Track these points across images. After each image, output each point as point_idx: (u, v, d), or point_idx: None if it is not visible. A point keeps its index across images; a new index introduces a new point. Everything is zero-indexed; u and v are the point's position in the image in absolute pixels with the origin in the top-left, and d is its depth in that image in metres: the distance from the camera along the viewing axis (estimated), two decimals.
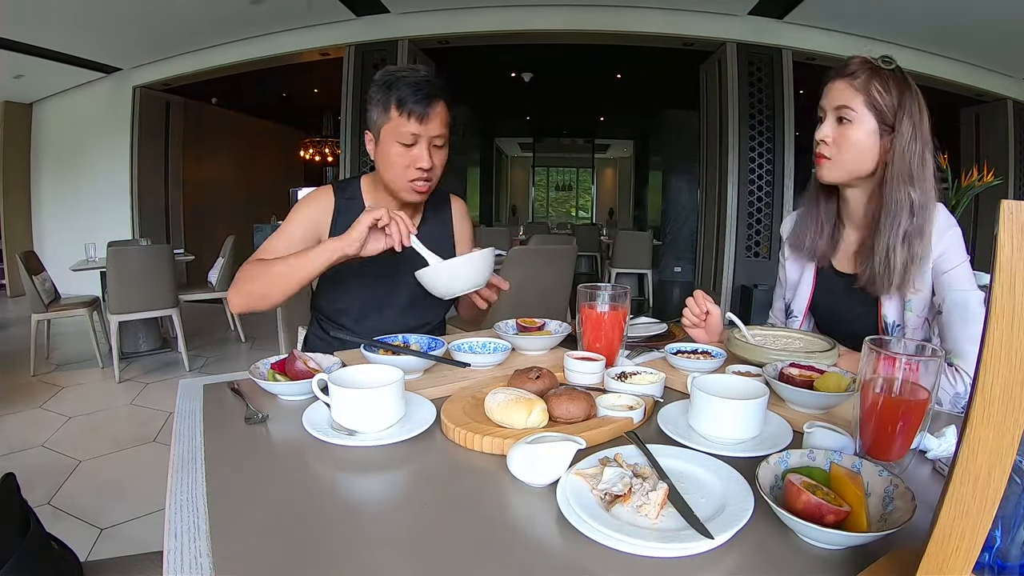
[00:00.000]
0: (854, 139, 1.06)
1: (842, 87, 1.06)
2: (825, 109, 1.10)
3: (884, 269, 1.06)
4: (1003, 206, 0.34)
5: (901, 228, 1.04)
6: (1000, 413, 0.35)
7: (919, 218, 1.03)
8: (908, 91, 1.04)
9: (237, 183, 8.43)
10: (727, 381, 0.82)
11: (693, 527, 0.52)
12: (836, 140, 1.08)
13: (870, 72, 1.04)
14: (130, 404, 3.24)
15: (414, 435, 0.75)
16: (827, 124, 1.09)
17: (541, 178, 16.14)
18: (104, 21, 4.79)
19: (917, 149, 1.03)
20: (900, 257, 1.04)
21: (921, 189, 1.03)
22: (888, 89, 1.03)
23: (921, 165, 1.03)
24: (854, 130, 1.06)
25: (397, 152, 1.22)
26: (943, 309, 1.02)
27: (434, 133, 1.22)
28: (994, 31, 4.51)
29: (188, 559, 0.52)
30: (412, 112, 1.18)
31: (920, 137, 1.03)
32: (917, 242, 1.03)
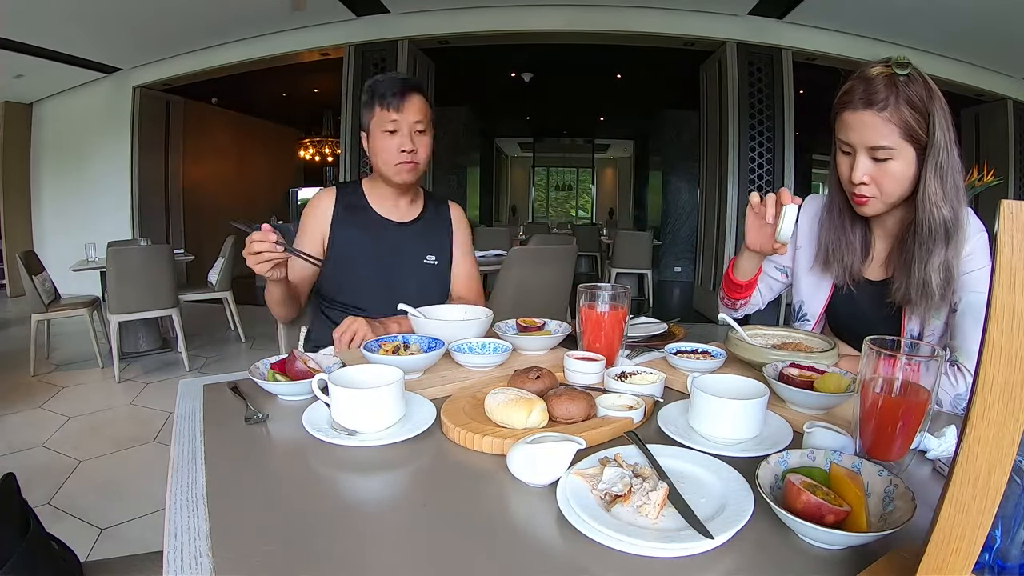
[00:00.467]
0: (897, 174, 0.98)
1: (872, 122, 0.96)
2: (853, 145, 1.00)
3: (922, 299, 1.01)
4: (1003, 206, 0.34)
5: (936, 258, 0.98)
6: (1000, 413, 0.35)
7: (954, 239, 0.98)
8: (933, 95, 0.95)
9: (237, 183, 8.43)
10: (727, 381, 0.82)
11: (693, 527, 0.52)
12: (876, 179, 1.00)
13: (896, 93, 0.94)
14: (130, 404, 3.24)
15: (414, 435, 0.75)
16: (862, 163, 0.99)
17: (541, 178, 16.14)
18: (104, 21, 4.79)
19: (949, 159, 0.96)
20: (938, 285, 0.98)
21: (955, 203, 0.97)
22: (917, 107, 0.94)
23: (955, 173, 0.97)
24: (895, 165, 0.97)
25: (384, 141, 1.41)
26: (958, 308, 0.99)
27: (412, 119, 1.40)
28: (994, 31, 4.51)
29: (188, 559, 0.52)
30: (390, 104, 1.38)
31: (950, 144, 0.96)
32: (954, 262, 0.98)
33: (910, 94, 0.94)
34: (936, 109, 0.95)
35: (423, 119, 1.42)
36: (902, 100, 0.94)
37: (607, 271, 6.91)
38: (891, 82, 0.95)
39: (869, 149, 0.98)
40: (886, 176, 0.99)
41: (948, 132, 0.95)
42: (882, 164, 0.98)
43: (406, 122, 1.40)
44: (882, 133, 0.95)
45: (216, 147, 7.88)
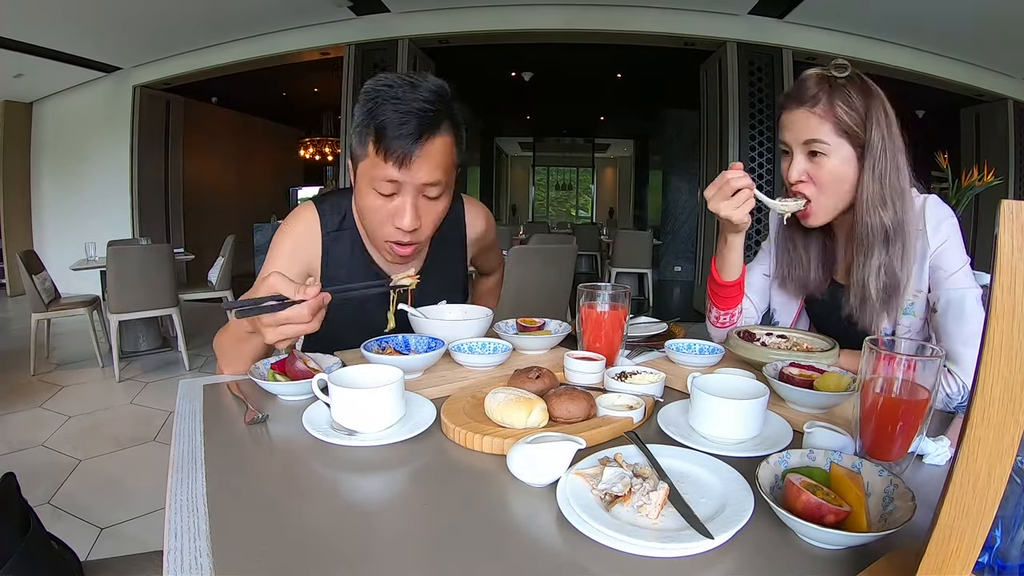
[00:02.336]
0: (832, 171, 0.98)
1: (804, 117, 0.98)
2: (789, 144, 1.01)
3: (860, 304, 1.01)
4: (1003, 206, 0.34)
5: (875, 261, 0.98)
6: (1000, 413, 0.35)
7: (896, 244, 0.98)
8: (872, 97, 0.97)
9: (237, 182, 8.43)
10: (727, 381, 0.82)
11: (693, 527, 0.52)
12: (813, 176, 1.00)
13: (829, 91, 0.96)
14: (130, 404, 3.24)
15: (414, 435, 0.75)
16: (797, 160, 1.00)
17: (541, 177, 16.15)
18: (104, 21, 4.79)
19: (888, 161, 0.96)
20: (876, 290, 0.99)
21: (896, 206, 0.97)
22: (853, 105, 0.96)
23: (896, 177, 0.97)
24: (829, 162, 0.98)
25: (372, 202, 0.96)
26: (938, 308, 0.99)
27: (423, 181, 0.93)
28: (994, 31, 4.51)
29: (188, 559, 0.52)
30: (391, 152, 0.90)
31: (890, 147, 0.96)
32: (898, 268, 0.98)
33: (846, 94, 0.96)
34: (876, 112, 0.96)
35: (441, 178, 0.95)
36: (836, 97, 0.96)
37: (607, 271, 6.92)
38: (823, 80, 0.98)
39: (803, 145, 0.99)
40: (821, 172, 0.99)
41: (888, 135, 0.96)
42: (817, 160, 0.99)
43: (413, 184, 0.94)
44: (814, 127, 0.98)
45: (216, 147, 7.89)
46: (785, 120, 1.02)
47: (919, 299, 1.04)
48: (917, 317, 1.05)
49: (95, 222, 6.18)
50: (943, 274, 0.99)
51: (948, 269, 0.99)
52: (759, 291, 1.26)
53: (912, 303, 1.04)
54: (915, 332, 1.06)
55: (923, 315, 1.05)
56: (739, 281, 1.17)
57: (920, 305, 1.04)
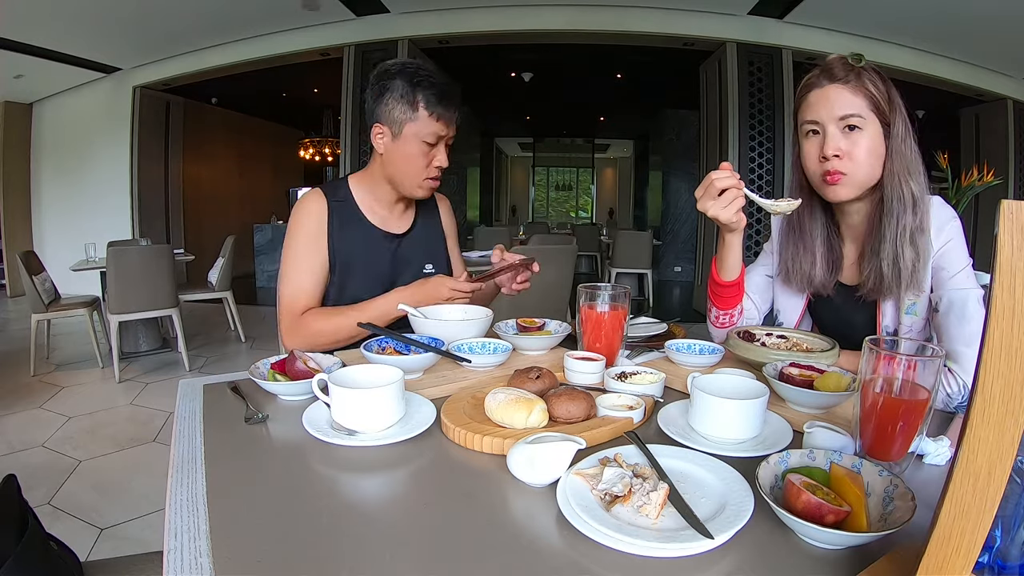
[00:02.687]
0: (868, 147, 0.99)
1: (840, 93, 0.98)
2: (822, 121, 1.01)
3: (894, 272, 1.01)
4: (1003, 206, 0.34)
5: (907, 226, 0.99)
6: (1000, 413, 0.35)
7: (920, 212, 0.99)
8: (890, 85, 1.01)
9: (237, 183, 8.43)
10: (727, 381, 0.82)
11: (693, 527, 0.52)
12: (849, 152, 0.99)
13: (856, 72, 0.99)
14: (130, 404, 3.24)
15: (414, 435, 0.75)
16: (834, 136, 0.99)
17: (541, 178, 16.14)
18: (104, 21, 4.79)
19: (910, 142, 1.00)
20: (909, 256, 0.99)
21: (918, 181, 0.99)
22: (878, 86, 0.99)
23: (915, 157, 1.00)
24: (866, 137, 0.99)
25: (420, 151, 1.26)
26: (940, 308, 0.99)
27: (452, 135, 1.31)
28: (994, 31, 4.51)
29: (188, 559, 0.52)
30: (442, 116, 1.24)
31: (909, 130, 1.00)
32: (920, 238, 0.99)
33: (871, 74, 0.99)
34: (895, 97, 0.99)
35: None
36: (864, 78, 0.99)
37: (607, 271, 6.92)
38: (847, 64, 1.00)
39: (839, 120, 0.99)
40: (857, 148, 1.00)
41: (906, 124, 0.99)
42: (853, 135, 0.99)
43: (448, 137, 1.30)
44: (850, 102, 0.99)
45: (216, 147, 7.89)
46: (815, 98, 1.01)
47: (921, 299, 1.04)
48: (919, 317, 1.05)
49: (95, 222, 6.19)
50: (946, 275, 0.99)
51: (951, 270, 0.99)
52: (761, 292, 1.26)
53: (914, 303, 1.04)
54: (916, 332, 1.06)
55: (924, 315, 1.05)
56: (738, 281, 1.16)
57: (922, 305, 1.04)
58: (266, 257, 7.40)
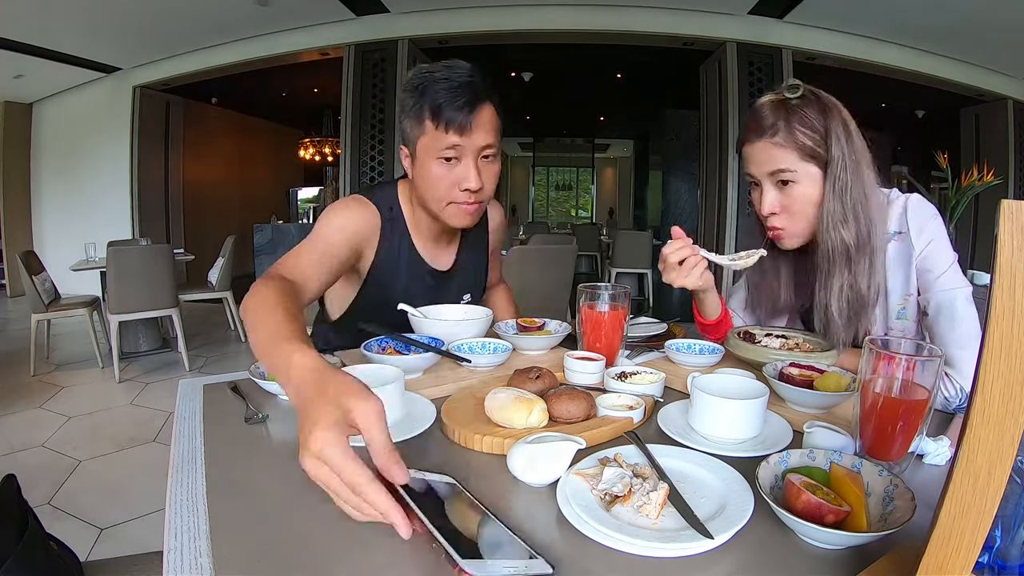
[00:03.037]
0: (802, 196, 0.98)
1: (767, 149, 0.96)
2: (756, 176, 1.00)
3: (825, 324, 1.01)
4: (1003, 206, 0.34)
5: (836, 281, 0.98)
6: (1000, 413, 0.35)
7: (860, 262, 0.97)
8: (828, 113, 0.95)
9: (237, 183, 8.43)
10: (727, 381, 0.81)
11: (693, 527, 0.52)
12: (785, 205, 0.99)
13: (787, 117, 0.95)
14: (130, 404, 3.24)
15: (414, 435, 0.75)
16: (768, 193, 0.99)
17: (541, 178, 16.14)
18: (104, 21, 4.79)
19: (850, 174, 0.95)
20: (839, 309, 0.98)
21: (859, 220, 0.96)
22: (812, 126, 0.94)
23: (858, 188, 0.96)
24: (798, 189, 0.97)
25: (438, 170, 1.06)
26: (929, 311, 0.98)
27: (480, 144, 1.04)
28: (994, 31, 4.51)
29: (188, 559, 0.52)
30: (451, 122, 1.01)
31: (852, 158, 0.95)
32: (863, 285, 0.97)
33: (803, 115, 0.94)
34: (834, 126, 0.94)
35: (494, 141, 1.06)
36: (794, 122, 0.95)
37: (607, 271, 6.92)
38: (779, 107, 0.96)
39: (770, 175, 0.99)
40: (793, 201, 0.99)
41: (848, 147, 0.95)
42: (787, 189, 0.99)
43: (472, 148, 1.03)
44: (778, 158, 0.96)
45: (216, 147, 7.89)
46: (747, 153, 1.01)
47: (910, 302, 1.03)
48: (910, 321, 1.04)
49: (95, 222, 6.19)
50: (931, 276, 0.98)
51: (936, 271, 0.98)
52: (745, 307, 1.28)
53: (903, 307, 1.04)
54: (909, 336, 1.06)
55: (915, 318, 1.05)
56: (722, 315, 1.18)
57: (911, 309, 1.04)
58: (266, 257, 7.39)
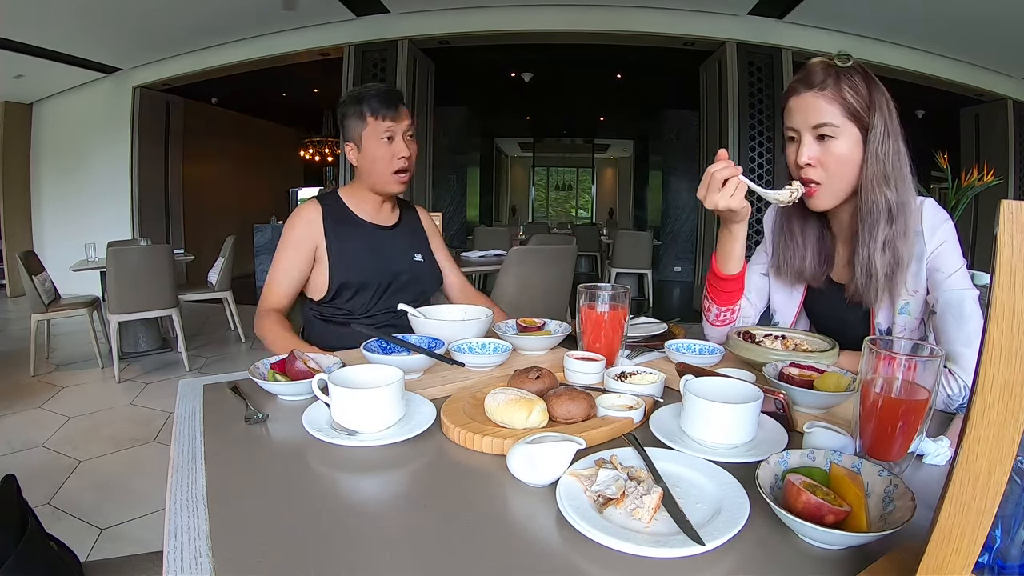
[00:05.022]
0: (841, 155, 0.99)
1: (814, 101, 0.99)
2: (798, 129, 1.02)
3: (867, 280, 1.02)
4: (1003, 206, 0.34)
5: (880, 236, 0.99)
6: (1000, 413, 0.35)
7: (899, 221, 0.99)
8: (874, 85, 0.99)
9: (237, 183, 8.43)
10: (720, 384, 0.80)
11: (685, 532, 0.52)
12: (822, 160, 1.01)
13: (836, 76, 0.98)
14: (130, 404, 3.24)
15: (414, 435, 0.75)
16: (807, 144, 1.01)
17: (541, 178, 16.13)
18: (104, 21, 4.79)
19: (891, 145, 0.98)
20: (881, 265, 0.99)
21: (899, 188, 0.99)
22: (858, 90, 0.98)
23: (897, 160, 0.99)
24: (839, 145, 0.99)
25: (381, 149, 1.44)
26: (937, 309, 0.99)
27: (406, 126, 1.46)
28: (994, 31, 4.51)
29: (188, 559, 0.52)
30: (385, 113, 1.42)
31: (892, 132, 0.98)
32: (901, 245, 0.99)
33: (850, 79, 0.98)
34: (878, 97, 0.98)
35: (412, 127, 1.49)
36: (843, 83, 0.98)
37: (607, 271, 6.91)
38: (829, 68, 0.99)
39: (813, 128, 1.00)
40: (831, 157, 1.00)
41: (890, 120, 0.98)
42: (826, 144, 1.00)
43: (400, 129, 1.45)
44: (824, 111, 0.98)
45: (216, 147, 7.88)
46: (793, 105, 1.02)
47: (915, 299, 1.04)
48: (912, 317, 1.05)
49: (95, 222, 6.19)
50: (941, 276, 0.99)
51: (945, 271, 0.99)
52: (757, 290, 1.26)
53: (907, 303, 1.04)
54: (910, 332, 1.06)
55: (918, 315, 1.05)
56: (740, 275, 1.17)
57: (915, 305, 1.04)
58: (266, 257, 7.38)
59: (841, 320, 1.15)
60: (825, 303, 1.18)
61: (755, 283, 1.26)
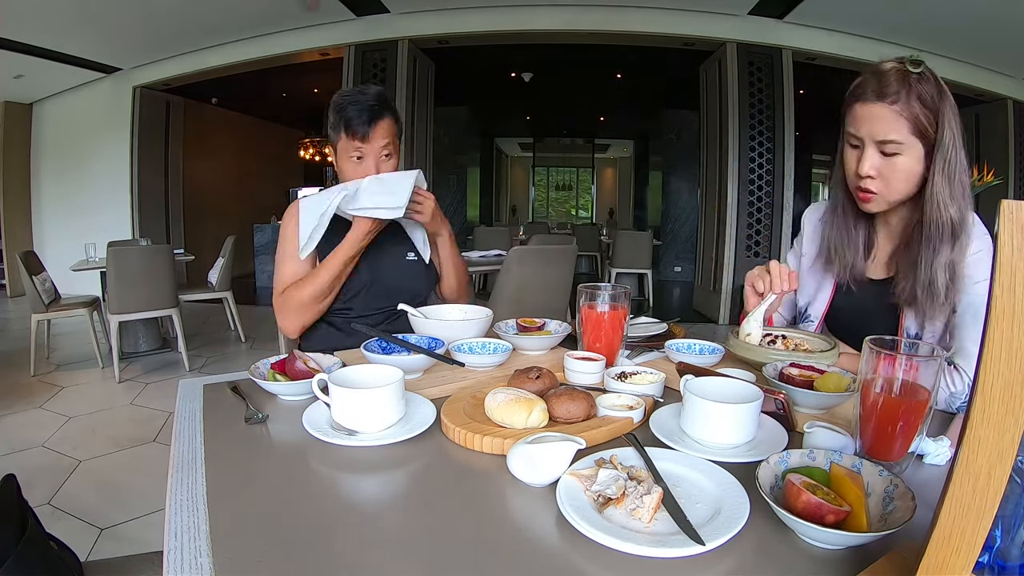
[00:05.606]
0: (904, 170, 0.97)
1: (883, 114, 0.95)
2: (862, 138, 0.99)
3: (927, 296, 1.00)
4: (1003, 206, 0.34)
5: (944, 255, 0.98)
6: (1000, 413, 0.35)
7: (961, 238, 0.98)
8: (943, 95, 0.95)
9: (237, 183, 8.43)
10: (720, 384, 0.80)
11: (685, 532, 0.52)
12: (883, 173, 0.99)
13: (908, 88, 0.94)
14: (130, 404, 3.24)
15: (414, 435, 0.75)
16: (870, 156, 0.98)
17: (541, 178, 16.14)
18: (104, 21, 4.79)
19: (958, 159, 0.96)
20: (942, 282, 0.98)
21: (961, 204, 0.97)
22: (928, 103, 0.94)
23: (963, 175, 0.97)
24: (903, 161, 0.97)
25: (351, 168, 1.40)
26: (959, 308, 1.00)
27: (380, 146, 1.39)
28: (994, 31, 4.51)
29: (188, 559, 0.52)
30: (357, 133, 1.36)
31: (959, 144, 0.96)
32: (960, 262, 0.98)
33: (921, 91, 0.94)
34: (946, 109, 0.95)
35: (390, 142, 1.40)
36: (914, 95, 0.94)
37: (607, 271, 6.91)
38: (903, 77, 0.95)
39: (878, 143, 0.98)
40: (893, 171, 0.98)
41: (956, 133, 0.96)
42: (890, 159, 0.98)
43: (372, 151, 1.38)
44: (892, 126, 0.95)
45: (216, 147, 7.88)
46: (860, 112, 0.99)
47: None
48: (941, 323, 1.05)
49: (95, 222, 6.19)
50: (970, 281, 0.99)
51: (975, 277, 0.99)
52: (787, 304, 1.28)
53: None
54: (938, 337, 1.06)
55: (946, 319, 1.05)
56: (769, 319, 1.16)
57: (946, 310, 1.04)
58: (266, 257, 7.40)
59: (869, 319, 1.13)
60: (855, 301, 1.17)
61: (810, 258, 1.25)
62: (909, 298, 1.03)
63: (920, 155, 0.97)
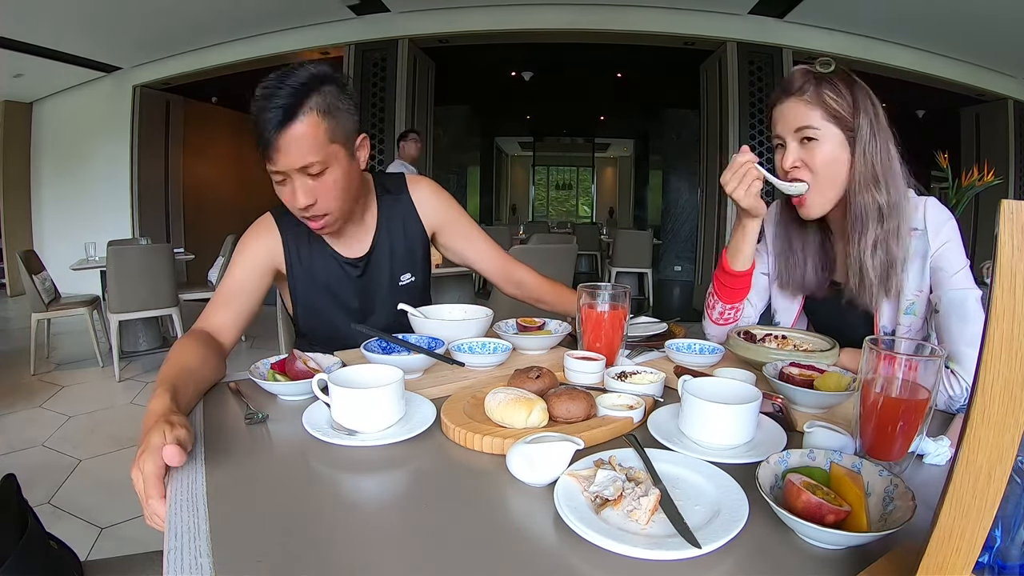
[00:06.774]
0: (825, 156, 1.01)
1: (795, 106, 1.01)
2: (783, 136, 1.04)
3: (859, 282, 1.03)
4: (1003, 206, 0.34)
5: (870, 237, 1.01)
6: (1000, 413, 0.35)
7: (891, 220, 1.00)
8: (857, 87, 1.01)
9: (237, 182, 8.41)
10: (719, 384, 0.80)
11: (682, 535, 0.51)
12: (807, 162, 1.02)
13: (816, 82, 1.00)
14: (130, 403, 3.24)
15: (414, 435, 0.75)
16: (791, 148, 1.03)
17: (541, 177, 16.14)
18: (104, 21, 4.79)
19: (879, 145, 0.99)
20: (873, 267, 1.01)
21: (889, 188, 1.00)
22: (840, 92, 0.99)
23: (887, 159, 1.00)
24: (822, 147, 1.01)
25: (279, 190, 1.07)
26: (940, 308, 0.99)
27: (296, 165, 0.99)
28: (994, 31, 4.51)
29: (188, 559, 0.52)
30: (265, 150, 0.99)
31: (879, 131, 0.99)
32: (894, 245, 1.00)
33: (832, 83, 1.00)
34: (862, 99, 1.00)
35: (314, 158, 0.99)
36: (824, 86, 1.00)
37: (607, 270, 6.91)
38: (808, 74, 1.01)
39: (795, 132, 1.02)
40: (815, 158, 1.02)
41: (875, 120, 1.00)
42: (810, 146, 1.02)
43: (292, 170, 1.00)
44: (804, 113, 1.00)
45: (216, 147, 7.88)
46: (776, 114, 1.05)
47: (920, 299, 1.04)
48: (917, 317, 1.05)
49: (95, 222, 6.18)
50: (944, 275, 1.00)
51: (949, 270, 0.99)
52: (758, 290, 1.26)
53: (913, 303, 1.05)
54: (915, 332, 1.06)
55: (923, 315, 1.06)
56: (748, 272, 1.17)
57: (920, 305, 1.05)
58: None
59: (844, 321, 1.15)
60: (827, 305, 1.18)
61: (755, 283, 1.26)
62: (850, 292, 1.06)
63: (840, 141, 1.01)
